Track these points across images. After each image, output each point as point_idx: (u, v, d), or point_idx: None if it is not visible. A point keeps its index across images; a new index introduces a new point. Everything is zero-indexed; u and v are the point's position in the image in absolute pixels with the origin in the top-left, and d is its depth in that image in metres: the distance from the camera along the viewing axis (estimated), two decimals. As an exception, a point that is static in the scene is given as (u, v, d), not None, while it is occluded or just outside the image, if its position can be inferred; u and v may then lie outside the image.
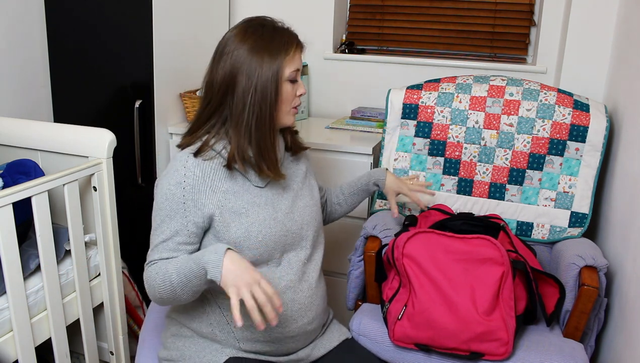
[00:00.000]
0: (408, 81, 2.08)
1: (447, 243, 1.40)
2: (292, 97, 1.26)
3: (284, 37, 1.23)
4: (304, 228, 1.31)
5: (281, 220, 1.26)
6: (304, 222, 1.31)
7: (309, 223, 1.33)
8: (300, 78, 1.27)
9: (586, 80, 2.02)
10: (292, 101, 1.26)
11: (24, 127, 1.70)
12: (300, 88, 1.27)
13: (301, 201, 1.33)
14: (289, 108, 1.26)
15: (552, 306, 1.47)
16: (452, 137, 1.82)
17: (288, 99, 1.25)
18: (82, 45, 2.05)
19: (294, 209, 1.30)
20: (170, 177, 1.20)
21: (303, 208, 1.32)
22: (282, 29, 1.25)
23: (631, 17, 1.77)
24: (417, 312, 1.36)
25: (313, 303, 1.30)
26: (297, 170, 1.37)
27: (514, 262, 1.39)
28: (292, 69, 1.22)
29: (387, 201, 1.90)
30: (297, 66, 1.24)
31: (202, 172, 1.20)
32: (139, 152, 2.05)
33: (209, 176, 1.20)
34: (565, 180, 1.75)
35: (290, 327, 1.26)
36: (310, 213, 1.34)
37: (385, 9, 2.47)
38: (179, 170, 1.19)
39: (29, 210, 1.42)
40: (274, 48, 1.20)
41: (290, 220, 1.28)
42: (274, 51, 1.20)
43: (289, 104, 1.26)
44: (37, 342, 1.48)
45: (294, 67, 1.23)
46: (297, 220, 1.29)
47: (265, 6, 2.51)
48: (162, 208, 1.20)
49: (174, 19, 2.06)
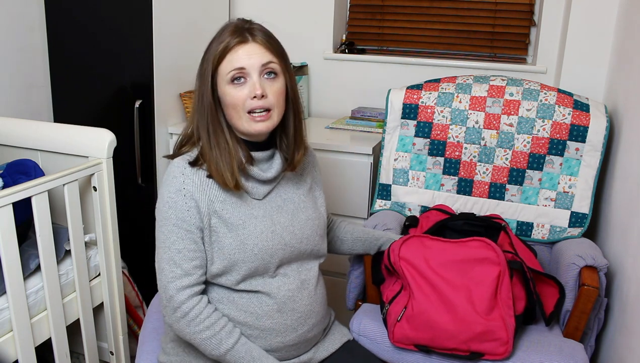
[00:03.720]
0: (408, 81, 2.08)
1: (442, 246, 1.40)
2: (242, 100, 1.13)
3: (224, 35, 1.13)
4: (304, 242, 1.26)
5: (279, 233, 1.22)
6: (304, 236, 1.26)
7: (309, 238, 1.27)
8: (256, 77, 1.13)
9: (586, 80, 2.02)
10: (242, 105, 1.13)
11: (24, 127, 1.70)
12: (255, 88, 1.12)
13: (303, 214, 1.28)
14: (240, 114, 1.14)
15: (551, 306, 1.47)
16: (452, 137, 1.82)
17: (236, 103, 1.13)
18: (82, 46, 2.05)
19: (294, 223, 1.25)
20: (169, 185, 1.16)
21: (305, 222, 1.27)
22: (235, 26, 1.14)
23: (631, 17, 1.77)
24: (416, 313, 1.36)
25: (313, 311, 1.27)
26: (301, 182, 1.32)
27: (510, 262, 1.39)
28: (230, 68, 1.12)
29: (387, 201, 1.90)
30: (239, 64, 1.11)
31: (200, 180, 1.17)
32: (139, 152, 2.05)
33: (208, 184, 1.17)
34: (565, 180, 1.75)
35: (290, 336, 1.24)
36: (312, 227, 1.28)
37: (385, 9, 2.47)
38: (178, 178, 1.16)
39: (29, 210, 1.42)
40: (212, 49, 1.14)
41: (290, 234, 1.23)
42: (210, 52, 1.14)
43: (238, 109, 1.13)
44: (37, 342, 1.48)
45: (233, 66, 1.11)
46: (297, 234, 1.25)
47: (266, 6, 2.51)
48: (167, 217, 1.15)
49: (174, 19, 2.06)
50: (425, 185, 1.86)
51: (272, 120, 1.17)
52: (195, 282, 1.16)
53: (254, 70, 1.13)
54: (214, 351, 1.16)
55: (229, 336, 1.16)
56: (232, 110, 1.15)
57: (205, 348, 1.16)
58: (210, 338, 1.15)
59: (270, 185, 1.25)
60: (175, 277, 1.15)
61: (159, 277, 1.17)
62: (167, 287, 1.15)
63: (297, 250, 1.26)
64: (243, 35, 1.13)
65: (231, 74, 1.12)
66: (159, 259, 1.17)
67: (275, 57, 1.15)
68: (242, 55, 1.12)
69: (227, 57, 1.13)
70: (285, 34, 1.29)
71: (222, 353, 1.15)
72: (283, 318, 1.22)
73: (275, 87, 1.16)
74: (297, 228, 1.26)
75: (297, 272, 1.26)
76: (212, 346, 1.15)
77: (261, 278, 1.21)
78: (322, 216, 1.34)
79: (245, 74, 1.13)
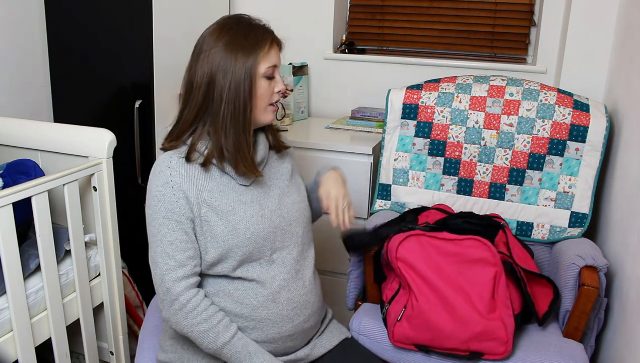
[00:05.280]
0: (408, 81, 2.08)
1: (439, 245, 1.40)
2: (269, 94, 1.25)
3: (258, 33, 1.22)
4: (293, 224, 1.30)
5: (269, 216, 1.26)
6: (292, 218, 1.30)
7: (298, 220, 1.32)
8: (278, 74, 1.26)
9: (586, 80, 2.02)
10: (269, 98, 1.25)
11: (24, 127, 1.70)
12: (279, 84, 1.26)
13: (289, 198, 1.32)
14: (266, 105, 1.25)
15: (545, 306, 1.47)
16: (452, 137, 1.82)
17: (264, 96, 1.24)
18: (82, 45, 2.05)
19: (281, 206, 1.29)
20: (156, 179, 1.20)
21: (291, 205, 1.32)
22: (258, 25, 1.24)
23: (631, 17, 1.77)
24: (416, 313, 1.36)
25: (309, 301, 1.30)
26: (282, 168, 1.36)
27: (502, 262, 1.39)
28: (267, 65, 1.21)
29: (387, 201, 1.90)
30: (273, 62, 1.23)
31: (187, 172, 1.20)
32: (139, 152, 2.05)
33: (194, 175, 1.20)
34: (565, 180, 1.75)
35: (287, 327, 1.26)
36: (298, 210, 1.33)
37: (385, 9, 2.47)
38: (164, 171, 1.19)
39: (29, 210, 1.42)
40: (248, 44, 1.20)
41: (279, 217, 1.28)
42: (247, 47, 1.19)
43: (265, 100, 1.24)
44: (37, 342, 1.48)
45: (270, 63, 1.22)
46: (285, 216, 1.29)
47: (266, 6, 2.51)
48: (157, 211, 1.19)
49: (174, 18, 2.06)
50: (425, 185, 1.86)
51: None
52: (190, 272, 1.18)
53: (278, 70, 1.26)
54: (210, 345, 1.17)
55: (226, 330, 1.18)
56: (260, 101, 1.23)
57: (202, 341, 1.17)
58: (207, 332, 1.16)
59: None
60: (170, 268, 1.17)
61: (154, 271, 1.19)
62: (163, 279, 1.17)
63: (289, 233, 1.29)
64: (273, 35, 1.25)
65: (269, 70, 1.22)
66: (152, 254, 1.20)
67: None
68: (274, 55, 1.24)
69: (267, 52, 1.22)
70: (285, 34, 1.30)
71: (219, 347, 1.17)
72: (279, 309, 1.24)
73: None
74: (285, 211, 1.30)
75: (295, 261, 1.29)
76: (209, 339, 1.17)
77: (257, 265, 1.24)
78: (305, 200, 1.39)
79: (276, 70, 1.25)
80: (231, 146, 1.20)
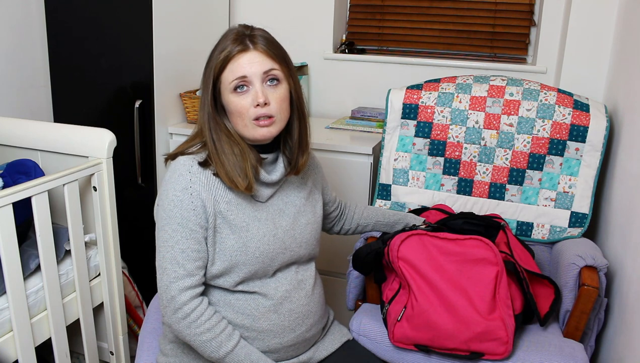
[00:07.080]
0: (408, 81, 2.08)
1: (440, 244, 1.40)
2: (245, 109, 1.13)
3: (226, 43, 1.13)
4: (303, 246, 1.27)
5: (281, 237, 1.22)
6: (303, 240, 1.27)
7: (308, 242, 1.29)
8: (258, 85, 1.13)
9: (586, 80, 2.03)
10: (246, 113, 1.13)
11: (24, 127, 1.70)
12: (257, 97, 1.12)
13: (303, 218, 1.28)
14: (246, 121, 1.14)
15: (546, 307, 1.47)
16: (452, 137, 1.82)
17: (239, 112, 1.13)
18: (82, 45, 2.05)
19: (295, 226, 1.26)
20: (175, 183, 1.14)
21: (305, 226, 1.28)
22: (236, 34, 1.14)
23: (631, 18, 1.77)
24: (416, 313, 1.36)
25: (310, 311, 1.27)
26: (301, 186, 1.31)
27: (504, 262, 1.39)
28: (232, 77, 1.12)
29: (387, 201, 1.90)
30: (241, 73, 1.11)
31: (207, 179, 1.16)
32: (139, 152, 2.05)
33: (214, 184, 1.16)
34: (565, 180, 1.75)
35: (289, 337, 1.24)
36: (310, 231, 1.29)
37: (385, 9, 2.47)
38: (184, 175, 1.14)
39: (29, 210, 1.42)
40: (213, 58, 1.14)
41: (290, 238, 1.24)
42: (212, 61, 1.14)
43: (243, 117, 1.13)
44: (37, 342, 1.48)
45: (235, 75, 1.12)
46: (297, 237, 1.25)
47: (266, 6, 2.51)
48: (172, 216, 1.13)
49: (174, 19, 2.06)
50: (425, 185, 1.86)
51: (275, 126, 1.17)
52: (197, 283, 1.15)
53: (256, 78, 1.13)
54: (213, 353, 1.15)
55: (229, 339, 1.16)
56: (237, 118, 1.15)
57: (204, 350, 1.15)
58: (210, 341, 1.14)
59: (273, 188, 1.24)
60: (178, 277, 1.13)
61: (160, 276, 1.15)
62: (168, 287, 1.13)
63: (297, 254, 1.26)
64: (244, 43, 1.13)
65: (234, 83, 1.12)
66: (161, 258, 1.15)
67: (277, 63, 1.15)
68: (244, 64, 1.12)
69: (229, 66, 1.13)
70: (285, 34, 1.29)
71: (222, 356, 1.15)
72: (280, 319, 1.22)
73: (277, 94, 1.15)
74: (298, 232, 1.26)
75: (295, 272, 1.27)
76: (212, 348, 1.14)
77: (259, 281, 1.22)
78: (319, 220, 1.34)
79: (247, 82, 1.13)
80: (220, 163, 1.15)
